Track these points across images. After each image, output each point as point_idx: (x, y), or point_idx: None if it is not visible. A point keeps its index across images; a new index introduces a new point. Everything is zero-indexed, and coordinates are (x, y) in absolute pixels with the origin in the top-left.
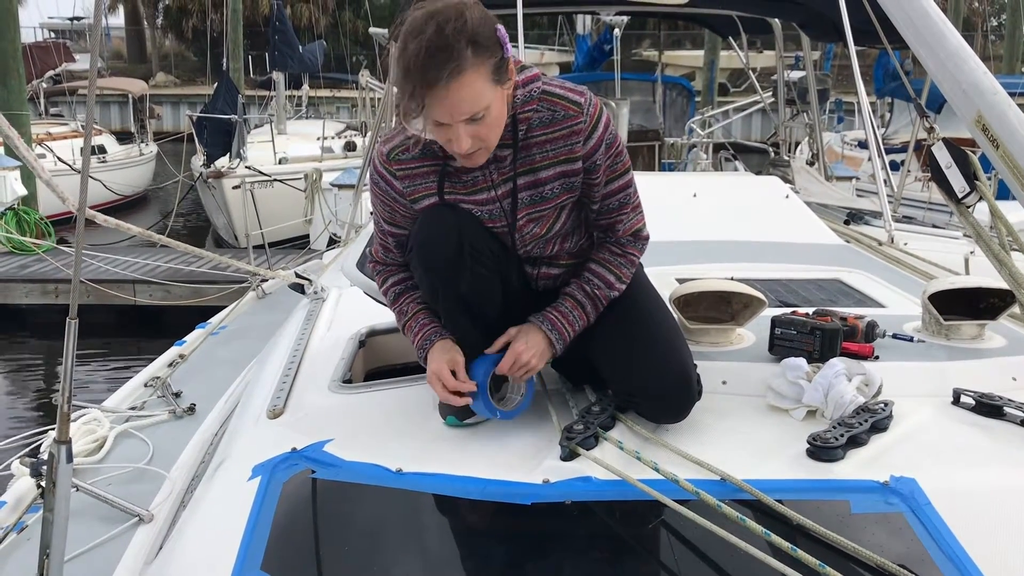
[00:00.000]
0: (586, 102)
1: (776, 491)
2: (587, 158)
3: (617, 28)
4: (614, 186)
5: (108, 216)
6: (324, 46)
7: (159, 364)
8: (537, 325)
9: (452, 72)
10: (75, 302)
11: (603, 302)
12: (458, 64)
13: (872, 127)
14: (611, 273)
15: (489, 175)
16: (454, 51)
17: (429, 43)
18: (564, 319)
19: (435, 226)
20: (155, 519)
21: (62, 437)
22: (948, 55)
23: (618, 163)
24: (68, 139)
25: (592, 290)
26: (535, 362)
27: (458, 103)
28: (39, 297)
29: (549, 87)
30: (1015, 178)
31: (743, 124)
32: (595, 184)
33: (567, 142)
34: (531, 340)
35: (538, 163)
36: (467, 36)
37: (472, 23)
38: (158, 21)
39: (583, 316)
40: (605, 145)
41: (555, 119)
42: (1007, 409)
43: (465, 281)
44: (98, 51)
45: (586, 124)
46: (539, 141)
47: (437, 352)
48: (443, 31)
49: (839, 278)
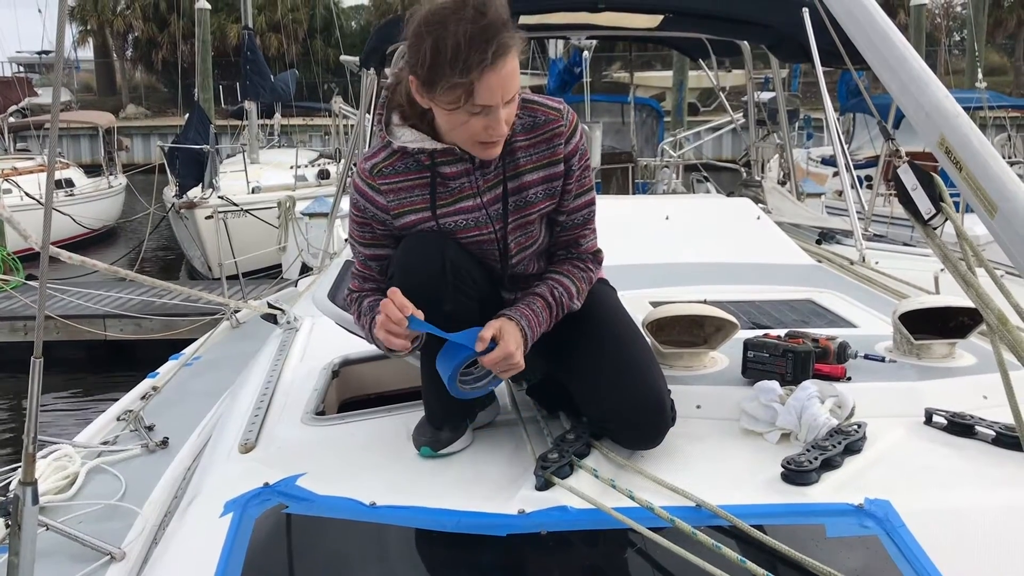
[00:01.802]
0: (564, 108)
1: (752, 516)
2: (567, 160)
3: (586, 51)
4: (581, 200)
5: (73, 253)
6: (296, 75)
7: (132, 397)
8: (516, 322)
9: (502, 50)
10: (39, 341)
11: (563, 311)
12: (507, 42)
13: (841, 147)
14: (574, 285)
15: (474, 182)
16: (501, 29)
17: (474, 25)
18: (536, 319)
19: (419, 248)
20: (127, 557)
21: (27, 478)
22: (911, 78)
23: (586, 177)
24: (34, 173)
25: (559, 296)
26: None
27: (508, 80)
28: (8, 335)
29: (527, 96)
30: (978, 199)
31: (713, 143)
32: (568, 191)
33: (550, 145)
34: (518, 340)
35: (523, 167)
36: (504, 15)
37: (501, 6)
38: (127, 53)
39: (548, 321)
40: (579, 153)
41: (536, 124)
42: (978, 428)
43: (445, 304)
44: (60, 84)
45: (566, 127)
46: (523, 146)
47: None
48: (485, 12)
49: (811, 298)
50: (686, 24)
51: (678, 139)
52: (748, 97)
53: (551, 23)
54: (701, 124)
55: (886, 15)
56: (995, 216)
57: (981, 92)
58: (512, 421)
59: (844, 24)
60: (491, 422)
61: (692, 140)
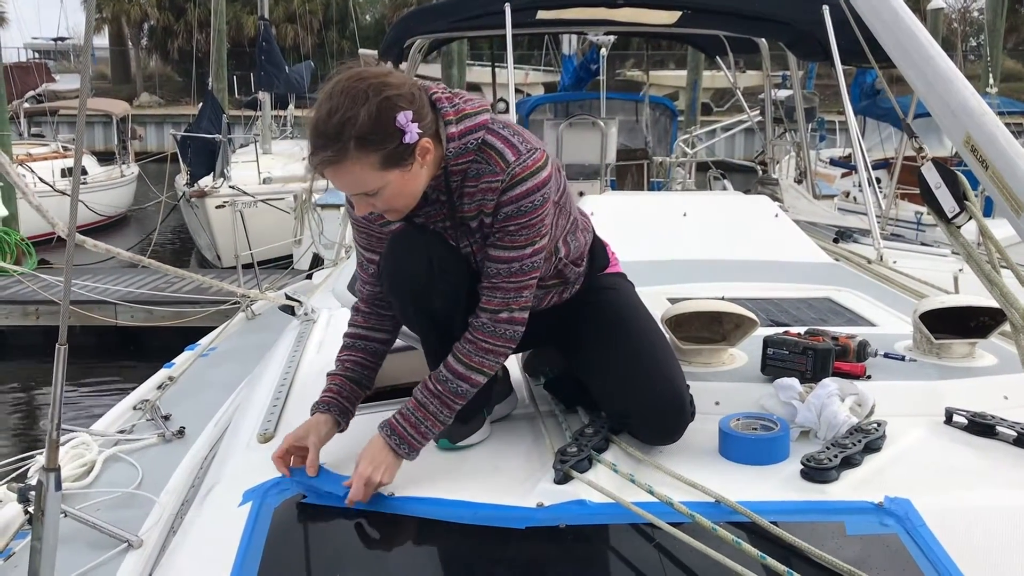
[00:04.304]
0: (517, 161)
1: (771, 513)
2: (496, 210)
3: (604, 48)
4: (502, 254)
5: (96, 240)
6: (311, 66)
7: (148, 386)
8: (378, 433)
9: (330, 161)
10: (64, 327)
11: (450, 397)
12: (338, 156)
13: (860, 147)
14: (460, 363)
15: (438, 210)
16: (337, 143)
17: (317, 124)
18: (407, 421)
19: (403, 249)
20: (144, 545)
21: (51, 464)
22: (936, 76)
23: (518, 236)
24: (48, 160)
25: (435, 385)
26: (381, 478)
27: (340, 184)
28: (19, 319)
29: (492, 138)
30: (1004, 197)
31: (727, 143)
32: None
33: (485, 196)
34: (374, 455)
35: (466, 212)
36: (353, 131)
37: (360, 119)
38: (143, 42)
39: (427, 416)
40: (516, 207)
41: (481, 173)
42: (999, 428)
43: (436, 302)
44: (88, 74)
45: (503, 183)
46: (468, 192)
47: (306, 423)
48: (331, 118)
49: (830, 297)
50: (704, 21)
51: (692, 137)
52: (765, 95)
53: (569, 18)
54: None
55: (912, 13)
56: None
57: (992, 98)
58: (530, 415)
59: (869, 22)
60: (509, 415)
61: (706, 139)
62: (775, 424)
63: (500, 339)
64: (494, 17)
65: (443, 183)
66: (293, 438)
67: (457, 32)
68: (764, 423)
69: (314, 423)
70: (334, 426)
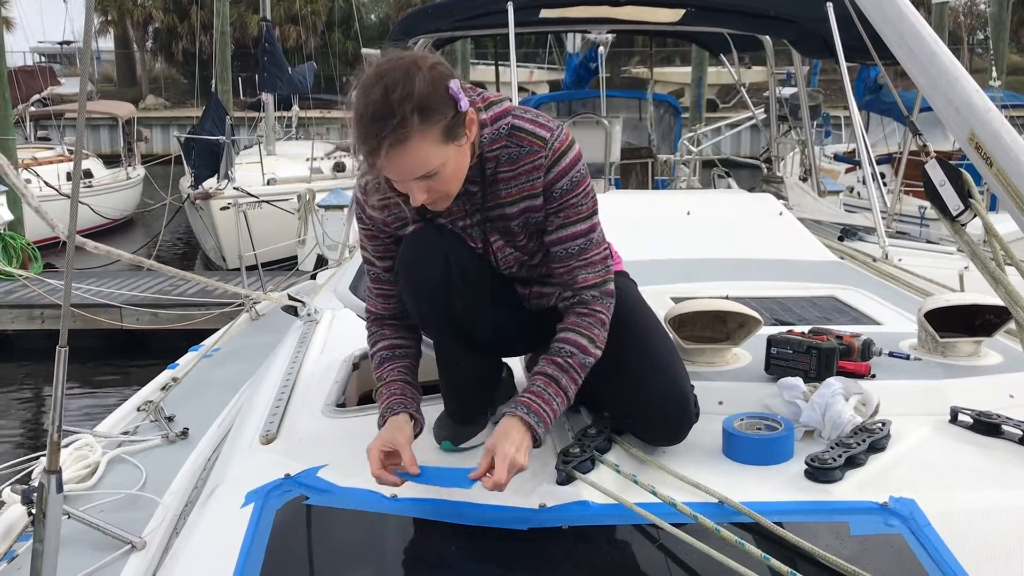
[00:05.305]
0: (552, 137)
1: (774, 513)
2: (547, 189)
3: (602, 46)
4: (569, 231)
5: (98, 243)
6: (314, 67)
7: (152, 388)
8: (514, 414)
9: (397, 140)
10: (65, 330)
11: (578, 371)
12: (404, 132)
13: (864, 143)
14: (582, 336)
15: (463, 206)
16: (399, 118)
17: (375, 108)
18: (539, 399)
19: (421, 249)
20: (148, 546)
21: (52, 466)
22: (940, 73)
23: (578, 206)
24: (54, 163)
25: (564, 360)
26: (525, 461)
27: (405, 167)
28: (25, 323)
29: (519, 121)
30: (1009, 195)
31: (732, 140)
32: (551, 221)
33: (529, 177)
34: (514, 436)
35: (503, 199)
36: (413, 103)
37: (420, 87)
38: (148, 44)
39: (559, 392)
40: (566, 180)
41: (520, 154)
42: (1005, 427)
43: (455, 303)
44: (87, 75)
45: (547, 159)
46: (504, 177)
47: (386, 428)
48: (389, 97)
49: (834, 295)
50: (708, 19)
51: (697, 135)
52: (770, 92)
53: (572, 17)
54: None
55: (915, 9)
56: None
57: (995, 91)
58: None
59: (872, 19)
60: None
61: (711, 136)
62: (779, 424)
63: (610, 310)
64: (497, 16)
65: (476, 172)
66: (381, 444)
67: (460, 31)
68: (768, 423)
69: (395, 426)
70: (412, 424)
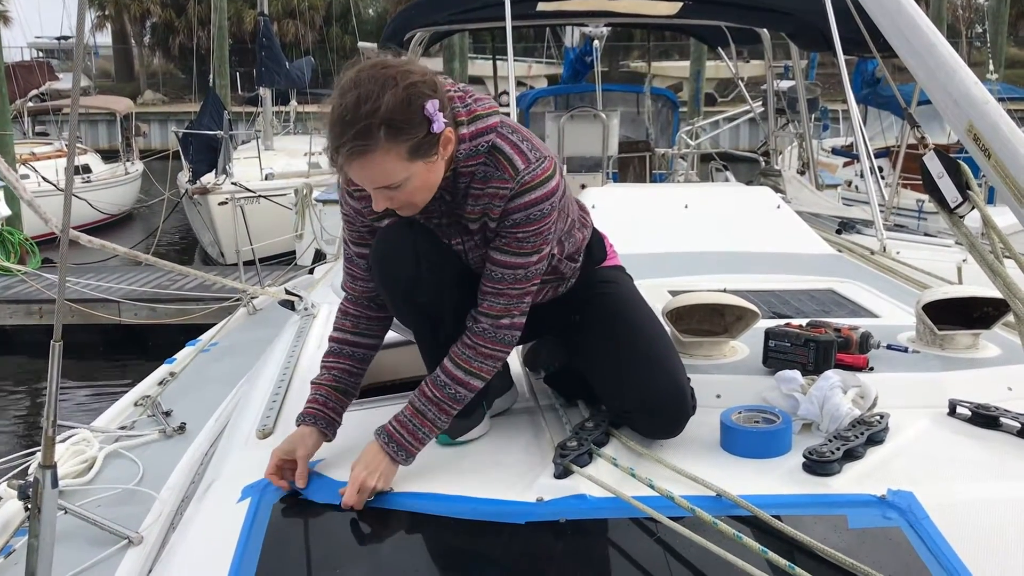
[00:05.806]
0: (526, 169)
1: (772, 506)
2: (502, 216)
3: (597, 40)
4: (505, 259)
5: (92, 236)
6: (312, 62)
7: (149, 382)
8: (375, 440)
9: (356, 150)
10: (59, 324)
11: (449, 404)
12: (365, 144)
13: (863, 138)
14: (458, 368)
15: (437, 207)
16: (362, 129)
17: (344, 114)
18: (404, 429)
19: (392, 244)
20: (144, 541)
21: (47, 462)
22: (938, 65)
23: (529, 242)
24: (52, 159)
25: (433, 392)
26: (376, 484)
27: (365, 176)
28: (23, 318)
29: (501, 142)
30: (1007, 186)
31: (731, 133)
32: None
33: (492, 201)
34: (370, 461)
35: (467, 214)
36: (380, 118)
37: (391, 104)
38: (145, 39)
39: (425, 423)
40: (525, 215)
41: (490, 177)
42: (1003, 419)
43: (423, 296)
44: (81, 69)
45: (512, 191)
46: (474, 194)
47: (292, 436)
48: (359, 107)
49: (832, 288)
50: (705, 11)
51: (695, 128)
52: (767, 86)
53: (569, 10)
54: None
55: (913, 1)
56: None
57: (993, 84)
58: (530, 409)
59: (870, 10)
60: (508, 409)
61: (709, 130)
62: (777, 417)
63: (500, 344)
64: (494, 9)
65: (450, 183)
66: (281, 452)
67: (457, 24)
68: (766, 416)
69: (300, 436)
70: (320, 438)
